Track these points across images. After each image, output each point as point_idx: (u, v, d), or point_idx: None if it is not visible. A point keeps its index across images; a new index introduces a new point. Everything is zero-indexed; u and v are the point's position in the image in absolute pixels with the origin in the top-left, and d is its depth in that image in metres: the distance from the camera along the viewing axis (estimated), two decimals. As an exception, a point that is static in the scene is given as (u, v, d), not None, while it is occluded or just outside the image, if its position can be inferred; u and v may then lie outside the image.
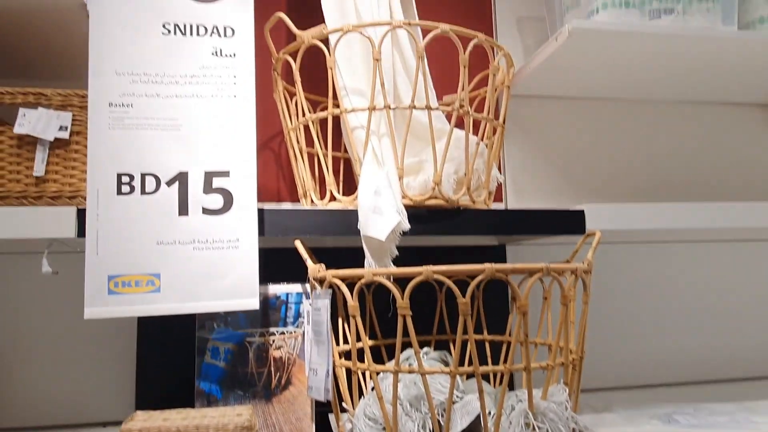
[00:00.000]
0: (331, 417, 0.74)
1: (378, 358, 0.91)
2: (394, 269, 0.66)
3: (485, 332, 0.95)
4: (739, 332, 1.20)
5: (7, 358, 0.94)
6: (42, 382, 0.94)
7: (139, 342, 0.88)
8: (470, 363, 0.94)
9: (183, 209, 0.69)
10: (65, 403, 0.94)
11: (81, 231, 0.70)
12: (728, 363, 1.18)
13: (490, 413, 0.65)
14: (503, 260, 1.07)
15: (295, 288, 0.81)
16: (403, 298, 0.63)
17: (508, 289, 1.04)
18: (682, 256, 1.19)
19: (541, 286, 0.89)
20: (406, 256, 0.78)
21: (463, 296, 0.62)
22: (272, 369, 0.78)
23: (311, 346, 0.73)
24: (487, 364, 0.94)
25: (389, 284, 0.64)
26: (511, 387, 1.03)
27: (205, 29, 0.73)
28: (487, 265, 0.63)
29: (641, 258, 1.17)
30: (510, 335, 0.93)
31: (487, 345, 0.94)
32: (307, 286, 0.81)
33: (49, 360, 0.94)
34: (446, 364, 0.80)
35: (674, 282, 1.18)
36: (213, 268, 0.69)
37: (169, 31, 0.72)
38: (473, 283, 0.63)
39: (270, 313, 0.79)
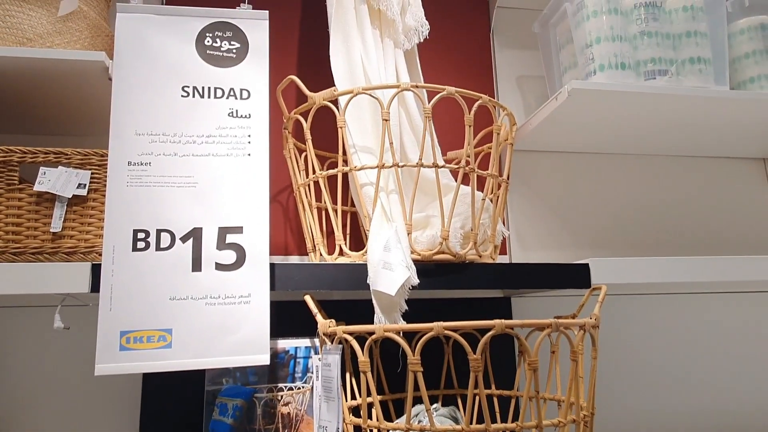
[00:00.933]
0: (340, 476, 0.73)
1: (385, 412, 0.91)
2: (405, 325, 0.67)
3: (493, 386, 0.94)
4: (749, 384, 1.18)
5: (12, 411, 0.92)
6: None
7: (144, 398, 0.88)
8: (479, 418, 0.92)
9: (196, 265, 0.70)
10: (67, 461, 0.92)
11: (95, 286, 0.71)
12: (740, 416, 1.17)
13: (502, 472, 0.64)
14: (508, 312, 1.08)
15: (303, 342, 0.81)
16: (414, 354, 0.64)
17: (515, 342, 1.04)
18: (688, 307, 1.19)
19: (549, 340, 0.90)
20: (412, 307, 0.79)
21: (473, 351, 0.62)
22: (280, 426, 0.77)
23: (320, 402, 0.73)
24: (496, 419, 0.93)
25: (401, 341, 0.65)
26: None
27: (223, 92, 0.76)
28: (497, 321, 0.63)
29: (646, 309, 1.18)
30: (518, 390, 0.93)
31: (495, 399, 0.94)
32: (316, 340, 0.81)
33: (52, 415, 0.93)
34: (456, 420, 0.80)
35: (683, 333, 1.18)
36: (225, 324, 0.70)
37: (188, 94, 0.75)
38: (483, 339, 0.63)
39: (278, 368, 0.79)
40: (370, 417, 0.76)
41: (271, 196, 1.05)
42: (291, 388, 0.79)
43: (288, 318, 0.93)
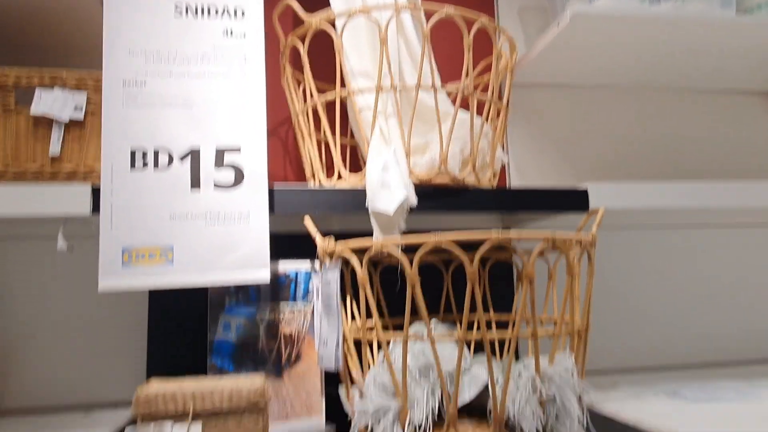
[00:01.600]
0: (341, 390, 0.75)
1: (386, 339, 0.92)
2: (402, 238, 0.67)
3: (491, 310, 0.96)
4: (743, 316, 1.20)
5: (19, 340, 0.95)
6: (53, 363, 0.95)
7: (150, 319, 0.90)
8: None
9: (195, 184, 0.71)
10: (77, 384, 0.95)
11: (96, 207, 0.72)
12: (734, 346, 1.19)
13: (497, 381, 0.66)
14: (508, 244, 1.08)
15: (304, 266, 0.82)
16: (411, 267, 0.64)
17: (513, 273, 1.06)
18: (686, 242, 1.20)
19: (546, 267, 0.91)
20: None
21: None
22: (282, 345, 0.79)
23: (321, 319, 0.74)
24: (493, 339, 0.94)
25: (398, 253, 0.65)
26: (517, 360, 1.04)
27: (217, 10, 0.75)
28: (493, 232, 0.64)
29: (646, 244, 1.18)
30: (516, 314, 0.94)
31: (493, 325, 0.95)
32: (316, 263, 0.82)
33: (60, 342, 0.96)
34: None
35: (679, 267, 1.19)
36: (225, 242, 0.71)
37: (181, 13, 0.74)
38: (480, 250, 0.64)
39: (280, 290, 0.81)
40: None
41: (270, 129, 1.04)
42: (293, 310, 0.80)
43: (288, 251, 0.94)
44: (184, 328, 0.89)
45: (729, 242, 1.22)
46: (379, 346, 0.73)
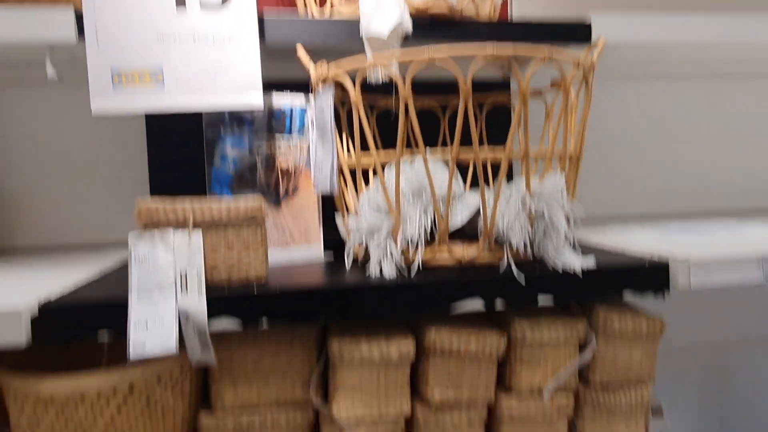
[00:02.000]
0: (337, 217, 0.77)
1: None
2: (395, 53, 0.65)
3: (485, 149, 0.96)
4: (739, 167, 1.21)
5: (26, 183, 0.97)
6: (60, 204, 0.98)
7: (150, 154, 0.91)
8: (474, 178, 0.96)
9: (180, 2, 0.68)
10: (85, 224, 0.98)
11: (81, 32, 0.70)
12: (729, 195, 1.21)
13: (488, 202, 0.67)
14: (508, 90, 1.06)
15: (298, 101, 0.81)
16: (404, 84, 0.64)
17: (511, 118, 1.04)
18: (684, 93, 1.18)
19: (544, 108, 0.90)
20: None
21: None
22: (280, 177, 0.80)
23: (316, 146, 0.75)
24: (488, 176, 0.95)
25: (392, 70, 0.64)
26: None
27: None
28: (488, 46, 0.62)
29: (645, 95, 1.16)
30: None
31: (489, 166, 0.96)
32: (310, 97, 0.81)
33: (65, 183, 0.98)
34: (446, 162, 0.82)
35: (675, 119, 1.18)
36: (215, 65, 0.69)
37: None
38: (473, 66, 0.63)
39: (275, 124, 0.80)
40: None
41: (260, -33, 0.98)
42: (289, 144, 0.81)
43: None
44: (183, 161, 0.90)
45: (724, 94, 1.20)
46: (374, 173, 0.74)
